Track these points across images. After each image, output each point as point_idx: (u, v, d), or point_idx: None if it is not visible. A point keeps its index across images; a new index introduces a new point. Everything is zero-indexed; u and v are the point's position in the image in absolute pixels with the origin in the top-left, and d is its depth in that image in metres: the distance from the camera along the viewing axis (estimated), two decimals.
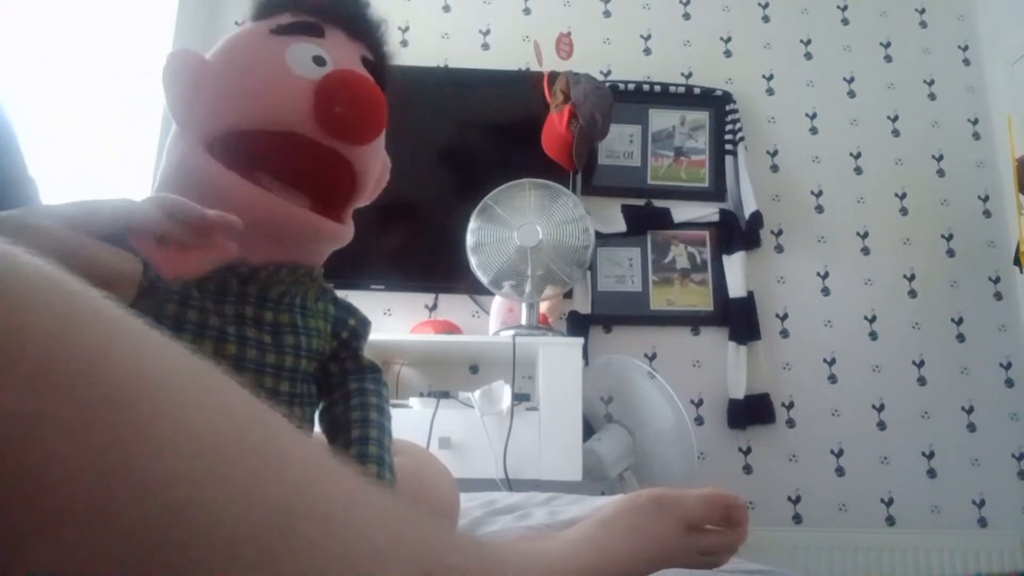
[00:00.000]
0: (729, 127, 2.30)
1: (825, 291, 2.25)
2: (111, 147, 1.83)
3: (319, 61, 0.48)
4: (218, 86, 0.48)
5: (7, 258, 0.20)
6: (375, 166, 0.53)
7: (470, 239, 1.81)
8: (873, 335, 2.21)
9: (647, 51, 2.41)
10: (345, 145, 0.47)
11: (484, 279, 1.80)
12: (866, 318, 2.23)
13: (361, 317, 0.53)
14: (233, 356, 0.43)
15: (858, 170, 2.35)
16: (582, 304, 2.14)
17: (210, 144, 0.46)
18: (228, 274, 0.44)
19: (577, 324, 2.10)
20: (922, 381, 2.18)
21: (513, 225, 1.79)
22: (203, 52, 0.50)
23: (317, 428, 0.52)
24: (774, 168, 2.34)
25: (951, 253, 2.29)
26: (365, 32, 0.53)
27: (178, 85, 0.48)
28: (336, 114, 0.45)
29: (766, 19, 2.45)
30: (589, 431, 1.84)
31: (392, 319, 2.09)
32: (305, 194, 0.48)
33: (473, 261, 1.80)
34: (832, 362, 2.19)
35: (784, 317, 2.22)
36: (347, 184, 0.50)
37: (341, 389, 0.51)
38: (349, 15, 0.52)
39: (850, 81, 2.41)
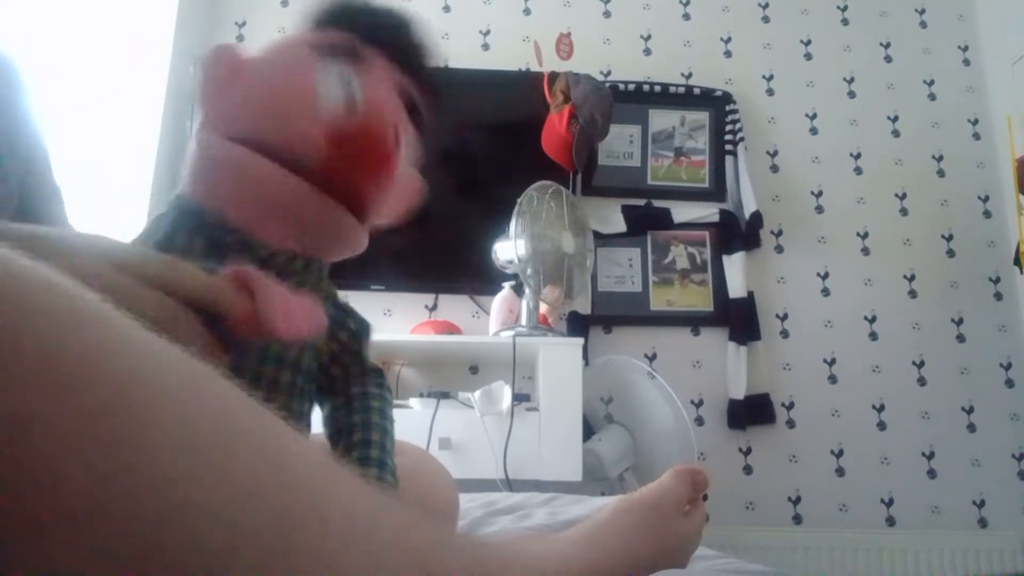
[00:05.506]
0: (729, 127, 2.30)
1: (825, 291, 2.25)
2: (111, 147, 1.83)
3: (348, 91, 0.47)
4: (247, 92, 0.48)
5: (5, 261, 0.20)
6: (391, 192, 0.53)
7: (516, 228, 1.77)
8: (873, 335, 2.21)
9: (647, 51, 2.41)
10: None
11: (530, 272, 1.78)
12: (866, 318, 2.22)
13: (359, 319, 0.53)
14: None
15: (858, 170, 2.35)
16: (582, 304, 2.14)
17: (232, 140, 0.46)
18: (246, 255, 0.44)
19: (577, 324, 2.10)
20: (922, 381, 2.18)
21: (557, 229, 1.82)
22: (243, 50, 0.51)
23: (317, 430, 0.52)
24: (774, 168, 2.34)
25: (951, 253, 2.29)
26: (408, 62, 0.53)
27: (211, 79, 0.48)
28: (340, 168, 0.46)
29: (766, 19, 2.45)
30: (589, 431, 1.84)
31: (392, 319, 2.09)
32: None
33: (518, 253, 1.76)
34: (832, 362, 2.19)
35: (784, 317, 2.22)
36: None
37: (344, 394, 0.50)
38: (395, 43, 0.52)
39: (850, 81, 2.41)
